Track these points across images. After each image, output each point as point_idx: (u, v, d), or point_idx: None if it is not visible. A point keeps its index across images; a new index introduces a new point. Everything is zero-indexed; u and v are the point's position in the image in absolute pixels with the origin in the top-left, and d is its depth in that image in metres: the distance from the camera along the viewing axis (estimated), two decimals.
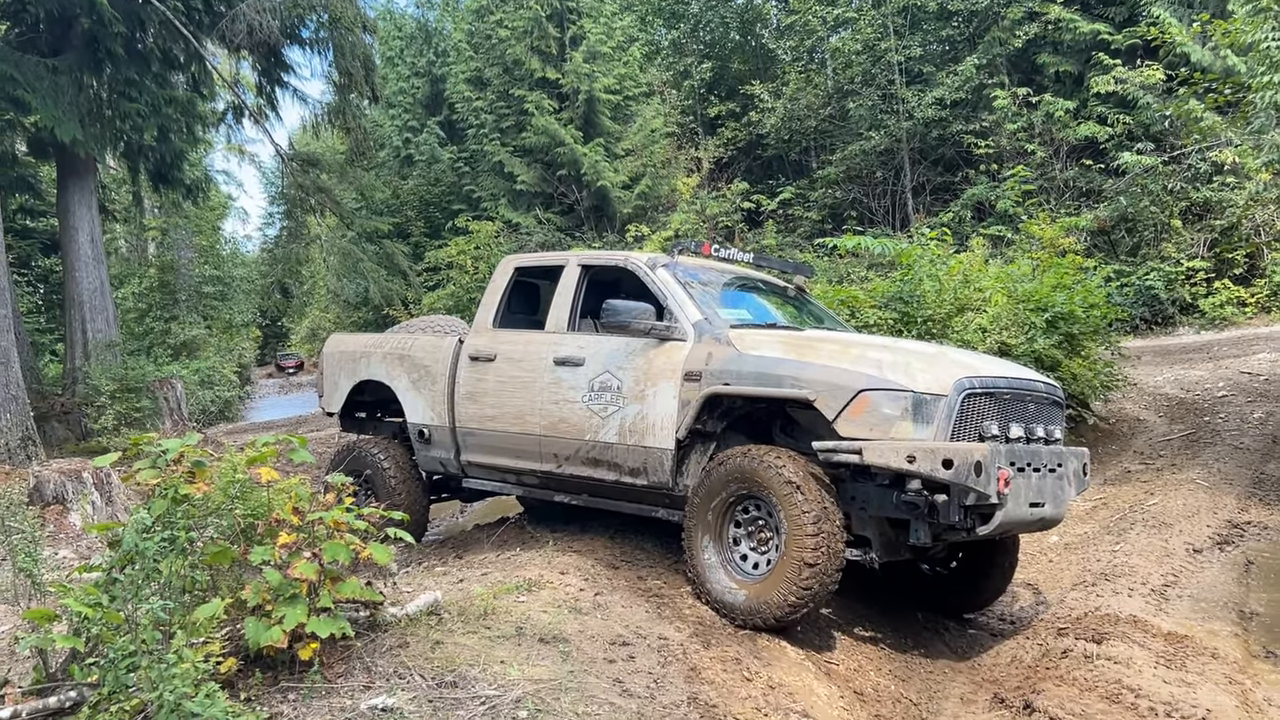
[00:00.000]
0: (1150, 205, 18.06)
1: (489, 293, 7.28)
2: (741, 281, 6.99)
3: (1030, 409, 5.58)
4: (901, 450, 4.94)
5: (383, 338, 7.86)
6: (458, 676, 4.15)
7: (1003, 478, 4.96)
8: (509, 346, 6.81)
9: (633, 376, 6.04)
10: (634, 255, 6.61)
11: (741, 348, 5.68)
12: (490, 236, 23.50)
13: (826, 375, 5.26)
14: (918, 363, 5.24)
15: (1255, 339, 15.15)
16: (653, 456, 5.93)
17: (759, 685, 4.81)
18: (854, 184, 24.67)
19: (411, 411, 7.35)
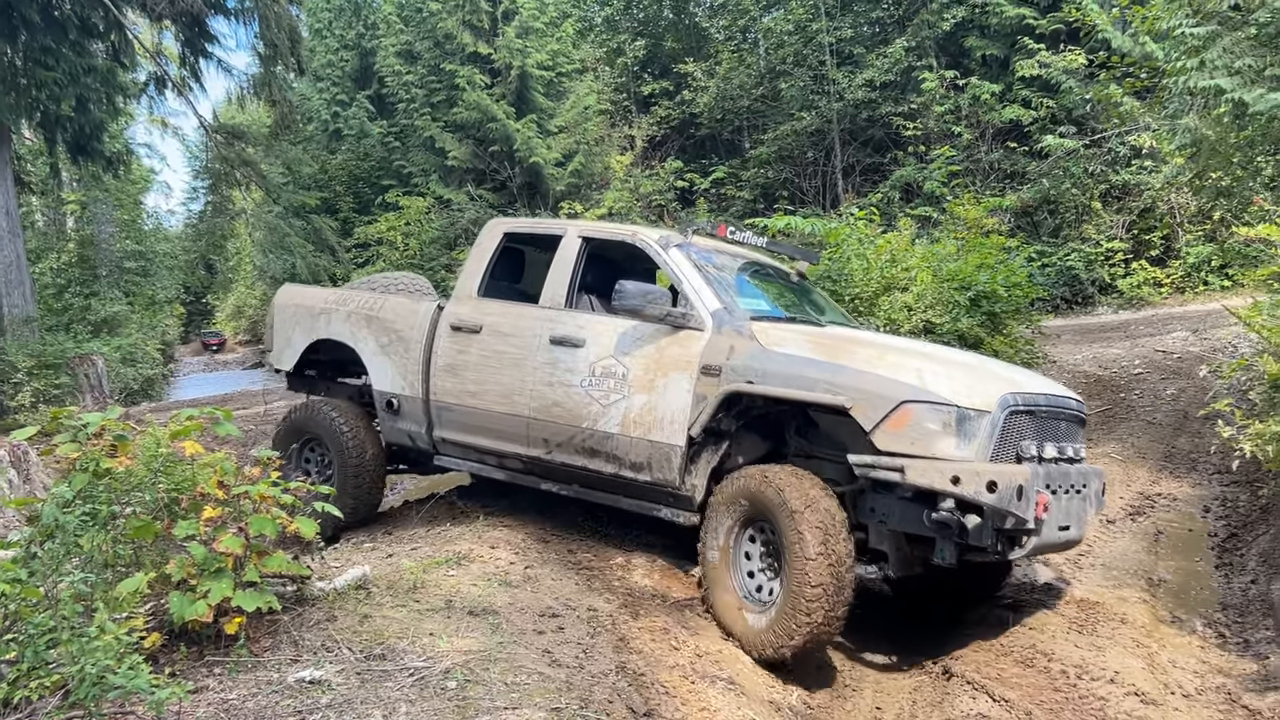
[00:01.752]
0: (1071, 187, 18.49)
1: (473, 258, 6.79)
2: (754, 268, 6.59)
3: (1061, 427, 5.31)
4: (946, 471, 4.62)
5: (345, 294, 7.40)
6: (386, 649, 4.16)
7: (1042, 502, 4.76)
8: (497, 319, 6.35)
9: (641, 364, 5.63)
10: (643, 231, 6.22)
11: (766, 343, 5.29)
12: (421, 212, 23.29)
13: (864, 382, 4.89)
14: (960, 374, 4.98)
15: (1170, 318, 15.63)
16: (659, 452, 5.53)
17: (686, 654, 4.90)
18: (786, 164, 24.86)
19: (378, 378, 6.89)
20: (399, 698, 3.76)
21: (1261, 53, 8.46)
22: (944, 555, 4.91)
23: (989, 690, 4.99)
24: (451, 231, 23.45)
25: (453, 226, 23.55)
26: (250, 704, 3.65)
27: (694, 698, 4.47)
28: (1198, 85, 8.45)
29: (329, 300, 7.36)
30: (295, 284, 8.16)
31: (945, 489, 4.60)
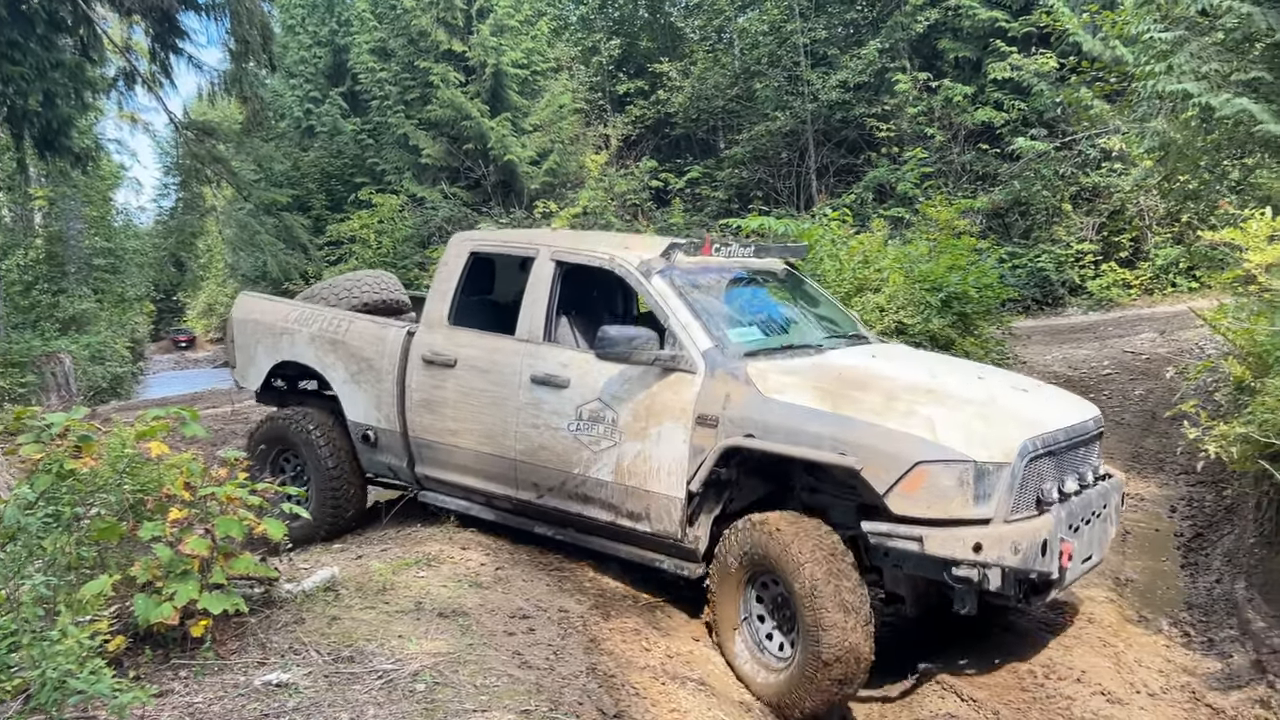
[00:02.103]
0: (1042, 189, 18.64)
1: (440, 279, 6.34)
2: (741, 278, 6.15)
3: (1080, 454, 5.06)
4: (967, 539, 4.35)
5: (307, 311, 6.91)
6: (355, 651, 4.14)
7: (1066, 552, 4.58)
8: (472, 351, 5.95)
9: (631, 410, 5.23)
10: (621, 255, 5.67)
11: (765, 389, 4.88)
12: (394, 210, 23.18)
13: (874, 438, 4.52)
14: (974, 419, 4.62)
15: (1138, 319, 15.79)
16: (657, 503, 5.16)
17: (658, 655, 4.90)
18: (760, 164, 24.91)
19: (352, 409, 6.51)
20: (367, 700, 3.74)
21: (1228, 58, 8.56)
22: (965, 604, 4.66)
23: (957, 690, 5.02)
24: (425, 230, 23.34)
25: (426, 225, 23.45)
26: (216, 708, 3.62)
27: (664, 699, 4.48)
28: (1166, 89, 8.54)
29: (290, 319, 6.89)
30: (253, 294, 7.68)
31: (967, 558, 4.36)
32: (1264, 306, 5.79)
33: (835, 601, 4.45)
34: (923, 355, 6.03)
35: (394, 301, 7.59)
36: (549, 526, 5.75)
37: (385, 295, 7.53)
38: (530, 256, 6.02)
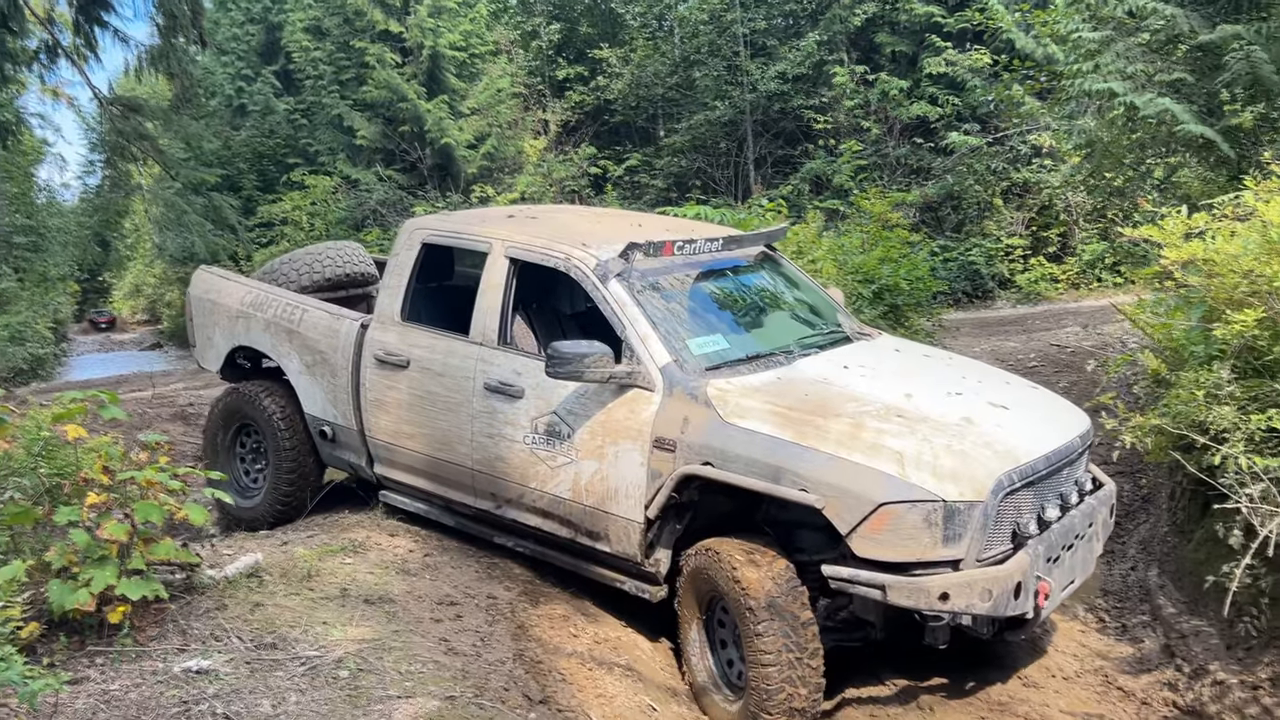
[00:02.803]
0: (974, 184, 18.96)
1: (392, 272, 5.99)
2: (707, 272, 5.70)
3: (1064, 474, 4.76)
4: (933, 589, 4.11)
5: (263, 295, 6.60)
6: (277, 638, 4.10)
7: (1043, 592, 4.32)
8: (425, 353, 5.65)
9: (588, 429, 4.95)
10: (578, 255, 5.25)
11: (725, 413, 4.56)
12: (328, 192, 22.82)
13: (837, 475, 4.22)
14: (944, 454, 4.28)
15: (1064, 313, 16.13)
16: (616, 525, 4.90)
17: (585, 641, 4.92)
18: (699, 154, 24.95)
19: (308, 401, 6.26)
20: (289, 687, 3.70)
21: (1152, 58, 8.77)
22: (937, 639, 4.48)
23: (876, 673, 5.12)
24: (359, 212, 23.03)
25: (360, 207, 23.14)
26: (133, 695, 3.56)
27: (591, 684, 4.50)
28: (1093, 88, 8.73)
29: (246, 302, 6.62)
30: (211, 270, 7.30)
31: (933, 608, 4.14)
32: (1180, 302, 5.95)
33: (779, 642, 4.27)
34: (900, 360, 5.50)
35: (360, 274, 7.32)
36: (509, 538, 5.51)
37: (350, 268, 7.25)
38: (484, 251, 5.62)
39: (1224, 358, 5.05)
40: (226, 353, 6.79)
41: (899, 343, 6.07)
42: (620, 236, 5.32)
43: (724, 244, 5.65)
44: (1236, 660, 4.80)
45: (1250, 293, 4.84)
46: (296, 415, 6.35)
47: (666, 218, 7.26)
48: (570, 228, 5.87)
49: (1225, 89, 8.08)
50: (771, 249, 6.35)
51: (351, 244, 7.55)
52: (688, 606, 4.78)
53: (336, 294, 7.14)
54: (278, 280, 7.00)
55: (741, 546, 4.52)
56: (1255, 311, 4.70)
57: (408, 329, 5.81)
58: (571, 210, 7.57)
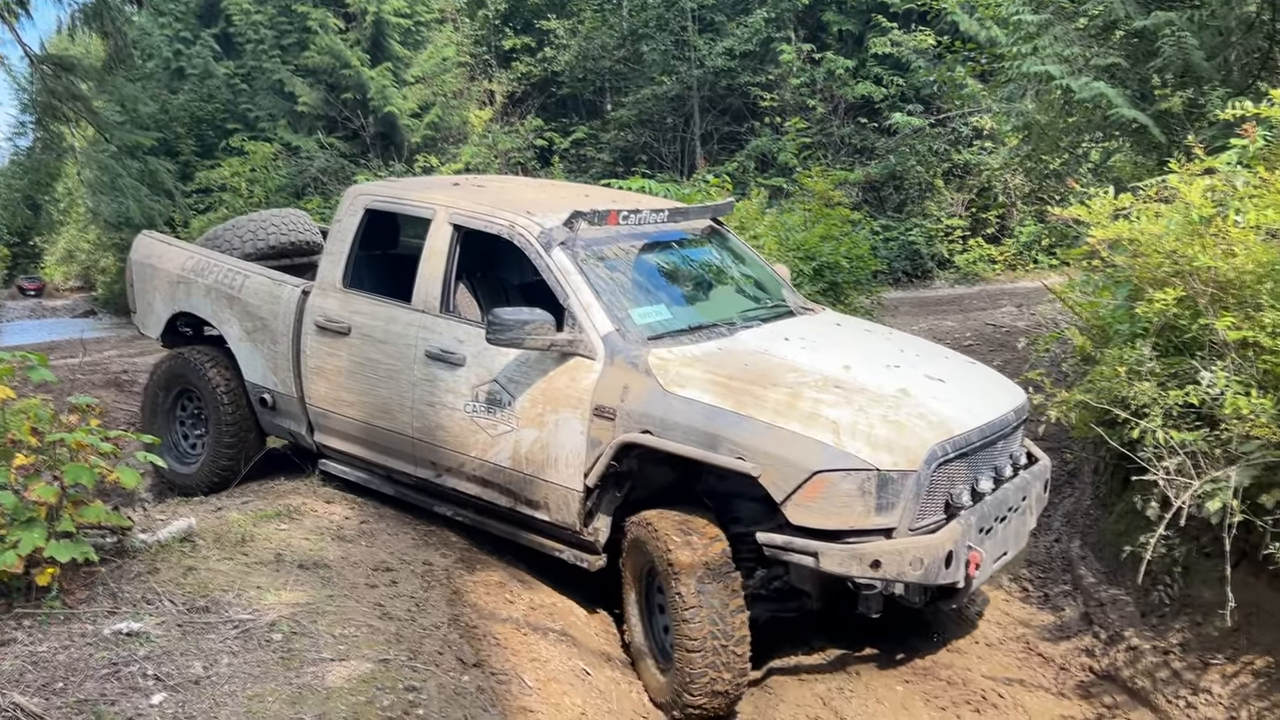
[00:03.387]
0: (916, 165, 19.18)
1: (334, 238, 5.91)
2: (652, 244, 5.74)
3: (999, 447, 4.84)
4: (865, 556, 4.17)
5: (204, 261, 6.50)
6: (210, 601, 4.09)
7: (974, 561, 4.39)
8: (366, 320, 5.60)
9: (528, 397, 4.94)
10: (522, 222, 5.21)
11: (665, 382, 4.58)
12: (268, 159, 22.40)
13: (774, 444, 4.27)
14: (880, 424, 4.34)
15: (1001, 293, 16.43)
16: (555, 493, 4.92)
17: (521, 607, 4.96)
18: (645, 128, 24.89)
19: (249, 369, 6.20)
20: (221, 649, 3.71)
21: (1089, 43, 8.93)
22: (870, 608, 4.51)
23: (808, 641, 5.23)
24: (300, 180, 22.65)
25: (301, 175, 22.75)
26: (62, 656, 3.54)
27: (525, 649, 4.54)
28: (1031, 71, 8.85)
29: (187, 268, 6.53)
30: (152, 235, 7.14)
31: (864, 576, 4.21)
32: (1107, 282, 6.11)
33: (706, 629, 4.28)
34: (841, 334, 5.58)
35: (305, 243, 7.23)
36: (449, 506, 5.49)
37: (295, 236, 7.17)
38: (427, 218, 5.57)
39: (1146, 335, 5.21)
40: (167, 319, 6.70)
41: (840, 318, 6.13)
42: (566, 206, 5.28)
43: (670, 216, 5.63)
44: (1150, 627, 4.99)
45: (1172, 272, 4.99)
46: (237, 382, 6.28)
47: (614, 190, 7.18)
48: (515, 196, 5.82)
49: (1157, 74, 8.26)
50: (718, 223, 6.36)
51: (297, 212, 7.45)
52: (628, 574, 4.83)
53: (281, 262, 7.05)
54: (221, 247, 6.91)
55: (679, 523, 4.53)
56: (1176, 290, 4.85)
57: (349, 296, 5.75)
58: (518, 180, 7.48)
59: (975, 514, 4.46)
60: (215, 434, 6.33)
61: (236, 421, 6.28)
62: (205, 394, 6.36)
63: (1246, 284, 4.69)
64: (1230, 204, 4.88)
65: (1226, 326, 4.54)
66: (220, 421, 6.28)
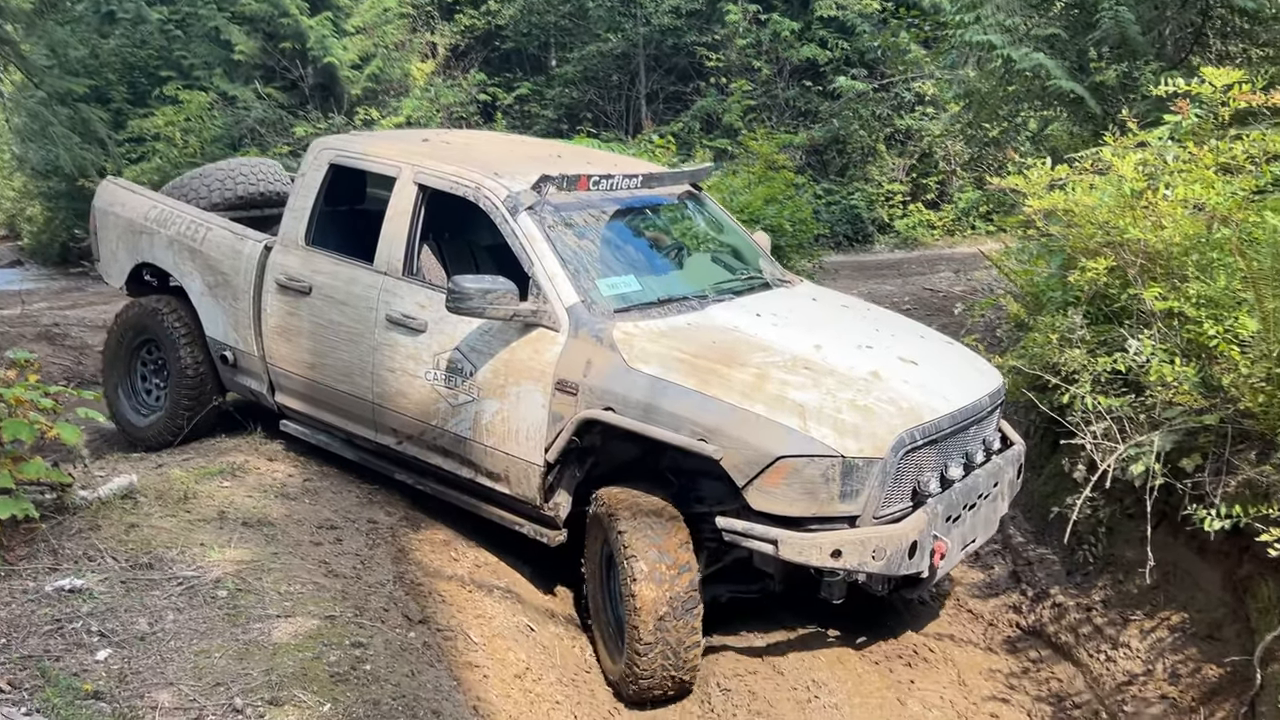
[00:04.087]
0: (859, 129, 19.30)
1: (298, 193, 5.75)
2: (625, 210, 5.53)
3: (971, 433, 4.72)
4: (825, 545, 4.10)
5: (167, 211, 6.29)
6: (153, 558, 4.08)
7: (939, 551, 4.32)
8: (328, 280, 5.44)
9: (490, 367, 4.80)
10: (489, 185, 5.03)
11: (629, 358, 4.46)
12: (203, 108, 21.85)
13: (737, 426, 4.17)
14: (848, 409, 4.23)
15: (939, 259, 16.69)
16: (516, 466, 4.79)
17: (466, 564, 5.02)
18: (590, 85, 24.69)
19: (210, 325, 6.03)
20: (166, 606, 3.72)
21: (1030, 13, 9.06)
22: (832, 594, 4.45)
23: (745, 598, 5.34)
24: (236, 131, 22.12)
25: (238, 125, 22.22)
26: (3, 613, 3.53)
27: (470, 605, 4.61)
28: (973, 39, 8.96)
29: (150, 218, 6.33)
30: (117, 182, 6.92)
31: (825, 565, 4.14)
32: (1042, 250, 6.28)
33: (656, 593, 4.18)
34: (815, 310, 5.40)
35: (275, 194, 7.01)
36: (410, 475, 5.36)
37: (265, 187, 6.97)
38: (392, 176, 5.38)
39: (1078, 304, 5.38)
40: (130, 269, 6.52)
41: (817, 291, 5.93)
42: (536, 168, 5.12)
43: (644, 181, 5.46)
44: (1074, 584, 5.19)
45: (1104, 243, 5.15)
46: (199, 336, 6.14)
47: (589, 150, 6.93)
48: (484, 156, 5.61)
49: (1094, 47, 8.43)
50: (697, 188, 6.18)
51: (269, 161, 7.24)
52: (587, 551, 4.73)
53: (250, 213, 6.86)
54: (188, 195, 6.71)
55: (633, 500, 4.43)
56: (1107, 261, 5.01)
57: (311, 254, 5.59)
58: (490, 137, 7.11)
59: (943, 502, 4.38)
60: (175, 389, 6.19)
61: (197, 377, 6.14)
62: (165, 345, 6.22)
63: (1173, 256, 4.87)
64: (1161, 178, 5.03)
65: (1154, 297, 4.71)
66: (180, 375, 6.13)
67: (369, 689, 3.39)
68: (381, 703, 3.33)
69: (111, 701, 3.05)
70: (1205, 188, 4.77)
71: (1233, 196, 4.72)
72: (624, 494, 4.48)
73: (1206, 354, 4.50)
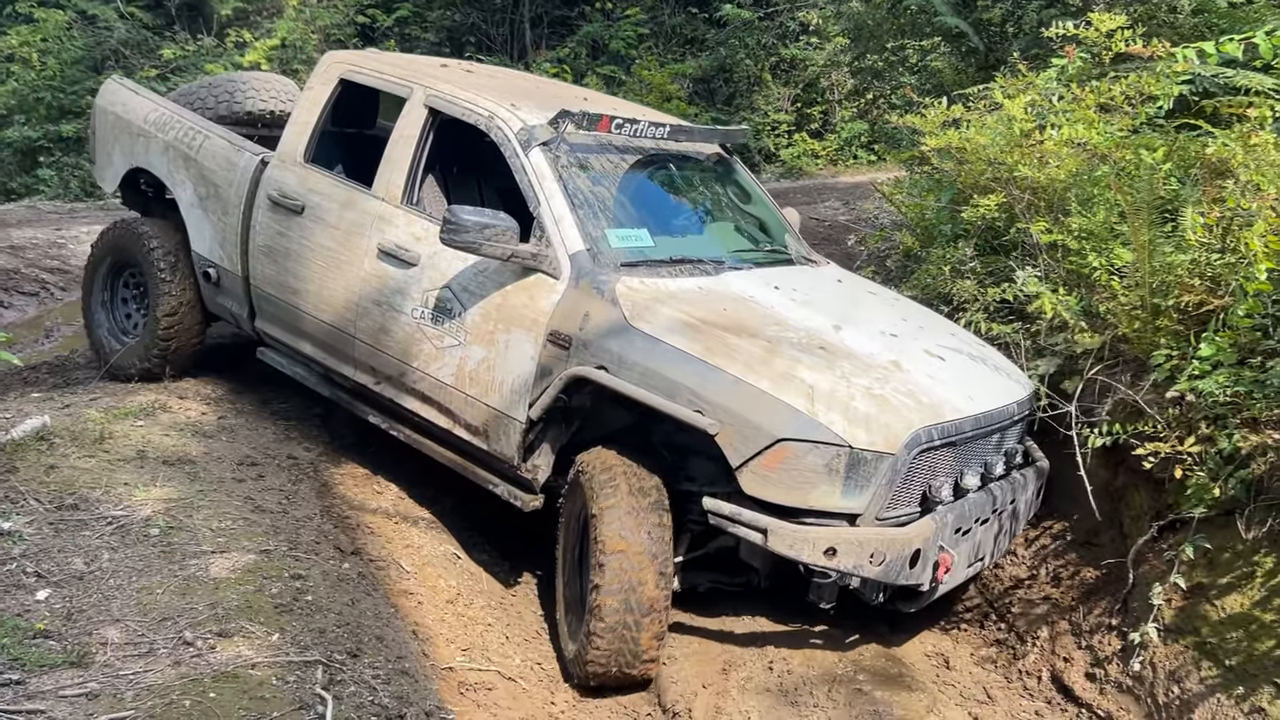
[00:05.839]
0: (745, 58, 19.45)
1: (301, 106, 5.42)
2: (647, 160, 5.13)
3: (993, 441, 4.34)
4: (819, 541, 3.73)
5: (168, 115, 5.95)
6: (79, 499, 4.08)
7: (944, 564, 3.93)
8: (322, 200, 5.10)
9: (481, 310, 4.46)
10: (503, 114, 4.68)
11: (630, 314, 4.10)
12: (61, 28, 20.68)
13: (738, 401, 3.80)
14: (861, 397, 3.86)
15: (824, 188, 17.04)
16: (496, 420, 4.44)
17: (390, 498, 5.11)
18: (473, 8, 24.10)
19: (196, 238, 5.68)
20: (100, 545, 3.73)
21: None
22: (821, 597, 4.16)
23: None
24: (98, 52, 21.02)
25: (100, 47, 21.10)
26: None
27: (398, 536, 4.72)
28: None
29: (149, 120, 5.99)
30: (121, 81, 6.51)
31: (816, 563, 3.77)
32: (932, 185, 6.57)
33: (622, 574, 3.87)
34: (840, 290, 5.02)
35: (286, 114, 6.45)
36: (384, 418, 5.02)
37: (275, 105, 6.62)
38: (403, 97, 5.03)
39: (968, 237, 5.69)
40: (124, 173, 6.20)
41: (844, 274, 5.50)
42: (556, 105, 4.79)
43: (671, 132, 5.04)
44: None
45: (994, 179, 5.45)
46: (183, 253, 5.82)
47: (619, 100, 6.51)
48: (504, 86, 5.27)
49: None
50: (727, 151, 5.78)
51: (281, 79, 6.89)
52: (561, 520, 4.39)
53: (257, 131, 6.53)
54: (194, 105, 6.40)
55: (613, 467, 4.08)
56: (997, 197, 5.31)
57: (308, 171, 5.26)
58: (517, 74, 6.76)
59: (954, 512, 3.99)
60: (153, 308, 5.83)
61: (177, 295, 5.78)
62: (143, 262, 5.88)
63: (1058, 192, 5.20)
64: (1047, 119, 5.33)
65: (1040, 230, 5.03)
66: (158, 294, 5.77)
67: (314, 618, 3.49)
68: (327, 631, 3.43)
69: (61, 640, 3.08)
70: (1087, 127, 5.09)
71: (1111, 136, 5.06)
72: (608, 460, 4.13)
73: (1087, 284, 4.86)
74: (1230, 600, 3.84)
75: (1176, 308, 4.29)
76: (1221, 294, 4.13)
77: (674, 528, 4.07)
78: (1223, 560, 3.94)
